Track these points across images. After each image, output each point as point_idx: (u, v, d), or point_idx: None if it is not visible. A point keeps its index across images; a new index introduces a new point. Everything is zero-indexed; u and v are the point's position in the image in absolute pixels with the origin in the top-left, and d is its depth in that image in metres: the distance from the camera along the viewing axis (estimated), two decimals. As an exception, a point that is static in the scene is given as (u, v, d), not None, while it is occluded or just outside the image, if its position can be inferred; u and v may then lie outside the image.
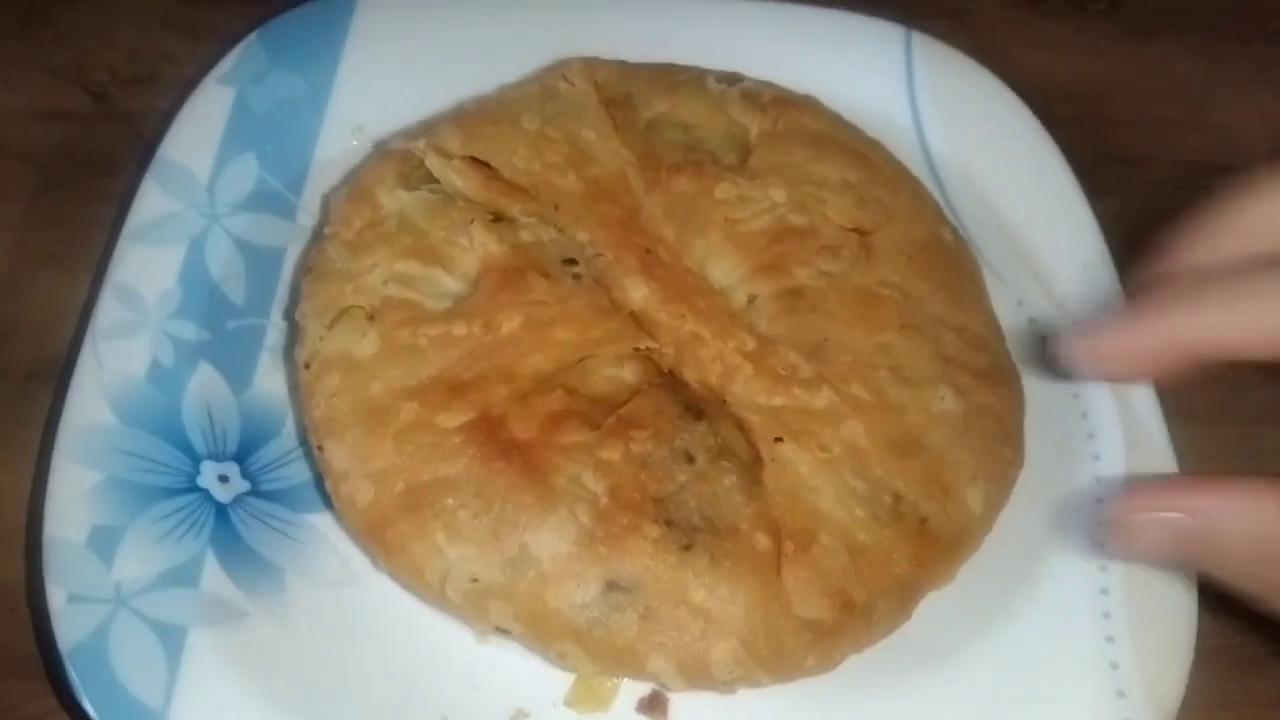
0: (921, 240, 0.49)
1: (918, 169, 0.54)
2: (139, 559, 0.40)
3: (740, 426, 0.43)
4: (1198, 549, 0.34)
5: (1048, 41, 0.70)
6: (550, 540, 0.40)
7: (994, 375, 0.46)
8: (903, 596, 0.41)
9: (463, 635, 0.42)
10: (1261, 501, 0.33)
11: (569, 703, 0.41)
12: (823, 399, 0.43)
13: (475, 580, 0.40)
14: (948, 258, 0.49)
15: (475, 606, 0.40)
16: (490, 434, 0.41)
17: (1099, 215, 0.55)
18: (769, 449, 0.42)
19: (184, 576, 0.41)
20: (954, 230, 0.51)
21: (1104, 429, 0.48)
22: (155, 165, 0.49)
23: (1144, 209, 0.62)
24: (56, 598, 0.39)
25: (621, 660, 0.39)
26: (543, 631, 0.40)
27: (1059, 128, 0.58)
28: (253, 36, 0.54)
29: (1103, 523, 0.38)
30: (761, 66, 0.54)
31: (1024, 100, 0.58)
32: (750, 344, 0.44)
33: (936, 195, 0.53)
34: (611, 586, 0.40)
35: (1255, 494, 0.34)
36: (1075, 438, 0.48)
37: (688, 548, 0.40)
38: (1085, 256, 0.53)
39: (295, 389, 0.45)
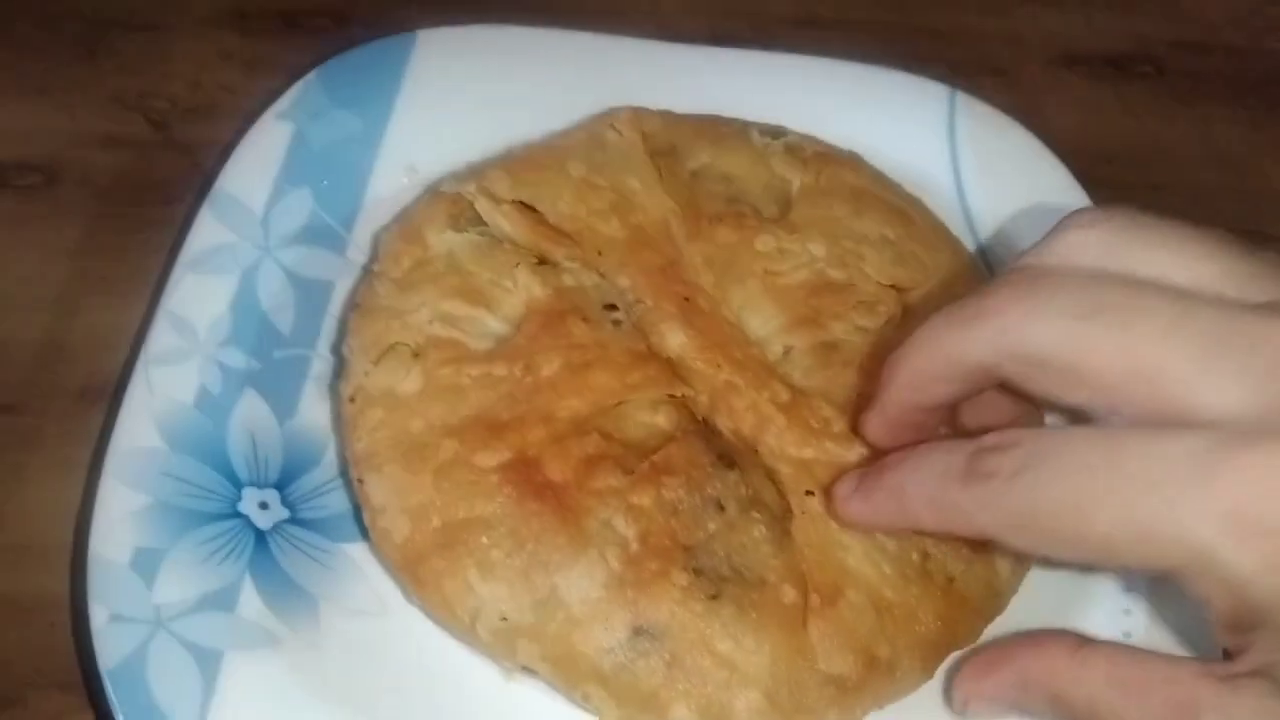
0: (959, 299, 0.49)
1: (957, 228, 0.54)
2: (179, 582, 0.41)
3: (771, 477, 0.44)
4: (893, 518, 0.38)
5: (1090, 104, 0.70)
6: (580, 583, 0.40)
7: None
8: (927, 655, 0.42)
9: (491, 672, 0.42)
10: (931, 457, 0.35)
11: (594, 748, 0.42)
12: (854, 454, 0.44)
13: (505, 619, 0.40)
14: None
15: (504, 645, 0.41)
16: (526, 475, 0.42)
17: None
18: (799, 501, 0.43)
19: (222, 601, 0.42)
20: (990, 291, 0.51)
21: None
22: (212, 196, 0.51)
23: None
24: (99, 616, 0.40)
25: (645, 706, 0.40)
26: (569, 673, 0.40)
27: (1099, 190, 0.58)
28: (312, 75, 0.55)
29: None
30: (805, 120, 0.55)
31: (1064, 161, 0.59)
32: (784, 395, 0.45)
33: (975, 255, 0.54)
34: (638, 632, 0.40)
35: (927, 455, 0.35)
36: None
37: (715, 597, 0.41)
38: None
39: (338, 421, 0.46)
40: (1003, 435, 0.33)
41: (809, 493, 0.43)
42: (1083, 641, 0.36)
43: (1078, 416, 0.34)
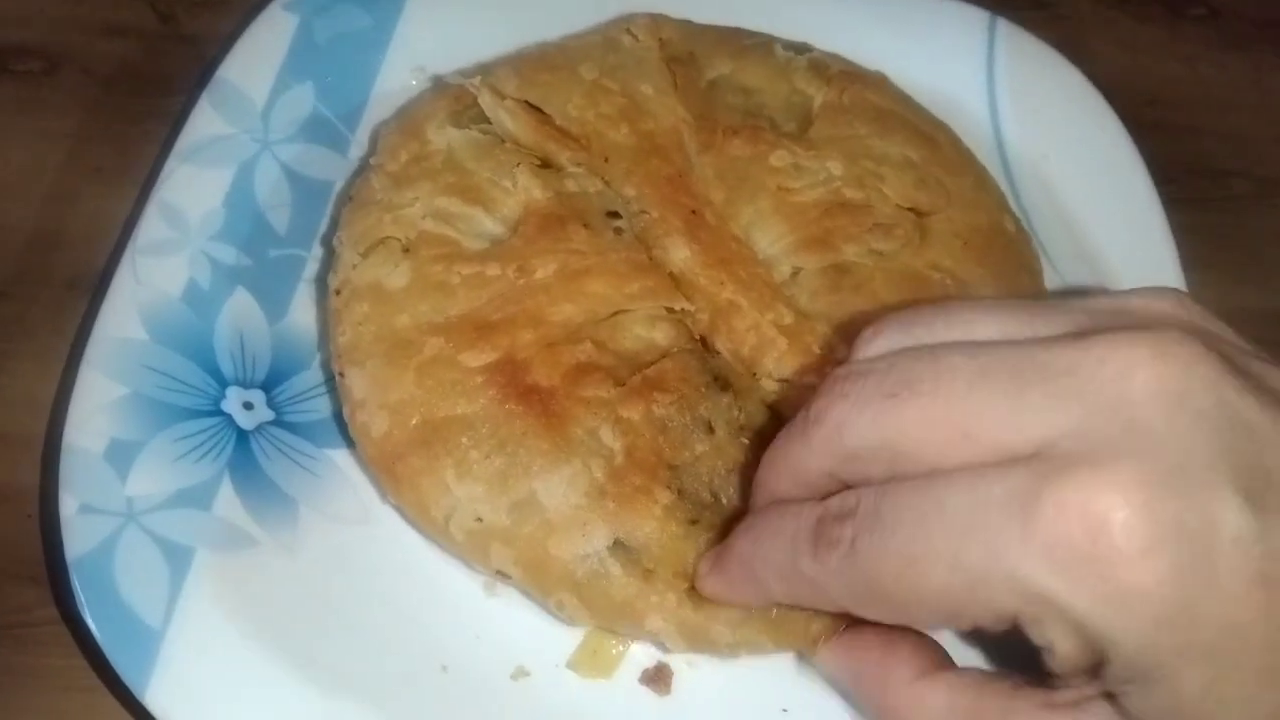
0: (980, 227, 0.47)
1: (988, 158, 0.52)
2: (154, 476, 0.40)
3: (766, 404, 0.42)
4: (747, 594, 0.36)
5: (1138, 44, 0.67)
6: (559, 490, 0.39)
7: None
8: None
9: (471, 585, 0.41)
10: (780, 524, 0.34)
11: (571, 665, 0.40)
12: None
13: (479, 520, 0.39)
14: (1006, 247, 0.47)
15: (477, 547, 0.39)
16: (512, 377, 0.40)
17: (1172, 226, 0.52)
18: None
19: (197, 498, 0.40)
20: (1016, 221, 0.49)
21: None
22: (212, 86, 0.49)
23: (1220, 223, 0.60)
24: (68, 506, 0.39)
25: (619, 615, 0.39)
26: (542, 579, 0.39)
27: (1140, 132, 0.56)
28: (322, -34, 0.53)
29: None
30: (835, 41, 0.52)
31: (1107, 100, 0.56)
32: (788, 318, 0.43)
33: (1004, 186, 0.51)
34: (616, 544, 0.39)
35: (776, 521, 0.34)
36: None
37: (694, 522, 0.39)
38: (1154, 266, 0.51)
39: (325, 315, 0.44)
40: (844, 499, 0.32)
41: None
42: (931, 665, 0.34)
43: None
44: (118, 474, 0.40)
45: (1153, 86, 0.65)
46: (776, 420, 0.41)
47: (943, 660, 0.35)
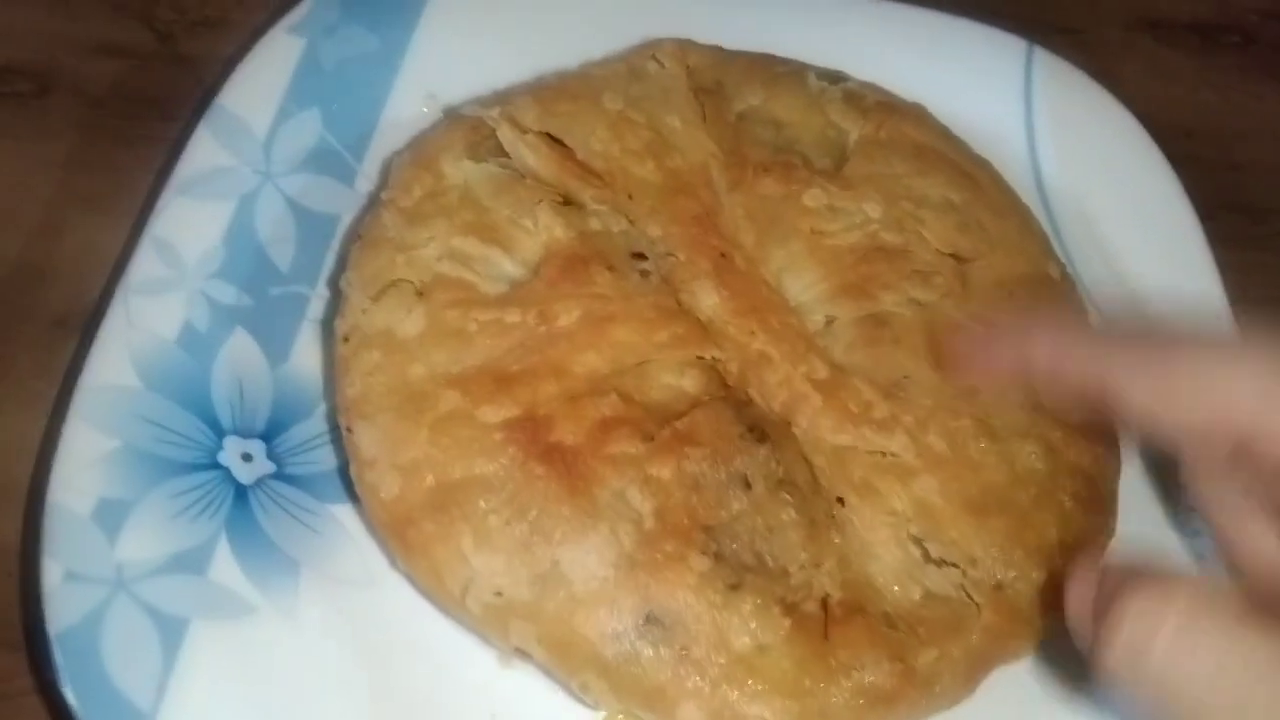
0: (1024, 275, 0.45)
1: (1027, 195, 0.49)
2: (146, 539, 0.37)
3: (805, 456, 0.39)
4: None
5: (1170, 72, 0.65)
6: (586, 560, 0.36)
7: (1090, 432, 0.42)
8: (970, 668, 0.37)
9: (486, 656, 0.38)
10: None
11: (593, 750, 0.38)
12: (895, 444, 0.39)
13: (499, 594, 0.36)
14: (1051, 296, 0.45)
15: (496, 623, 0.37)
16: (534, 435, 0.38)
17: (1217, 265, 0.50)
18: (830, 506, 0.39)
19: (192, 562, 0.38)
20: (1061, 267, 0.47)
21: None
22: (211, 114, 0.46)
23: (1265, 263, 0.58)
24: (52, 573, 0.36)
25: (650, 702, 0.36)
26: (567, 659, 0.36)
27: (1175, 166, 0.53)
28: (329, -14, 0.50)
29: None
30: (869, 68, 0.50)
31: (1143, 129, 0.54)
32: (822, 372, 0.40)
33: (1046, 226, 0.49)
34: (649, 619, 0.36)
35: None
36: (1176, 508, 0.44)
37: (735, 587, 0.36)
38: (1202, 308, 0.49)
39: (331, 362, 0.41)
40: None
41: (840, 500, 0.39)
42: None
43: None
44: (106, 537, 0.37)
45: (1186, 117, 0.63)
46: (815, 478, 0.39)
47: None
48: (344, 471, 0.40)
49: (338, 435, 0.41)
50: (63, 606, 0.35)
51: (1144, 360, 0.32)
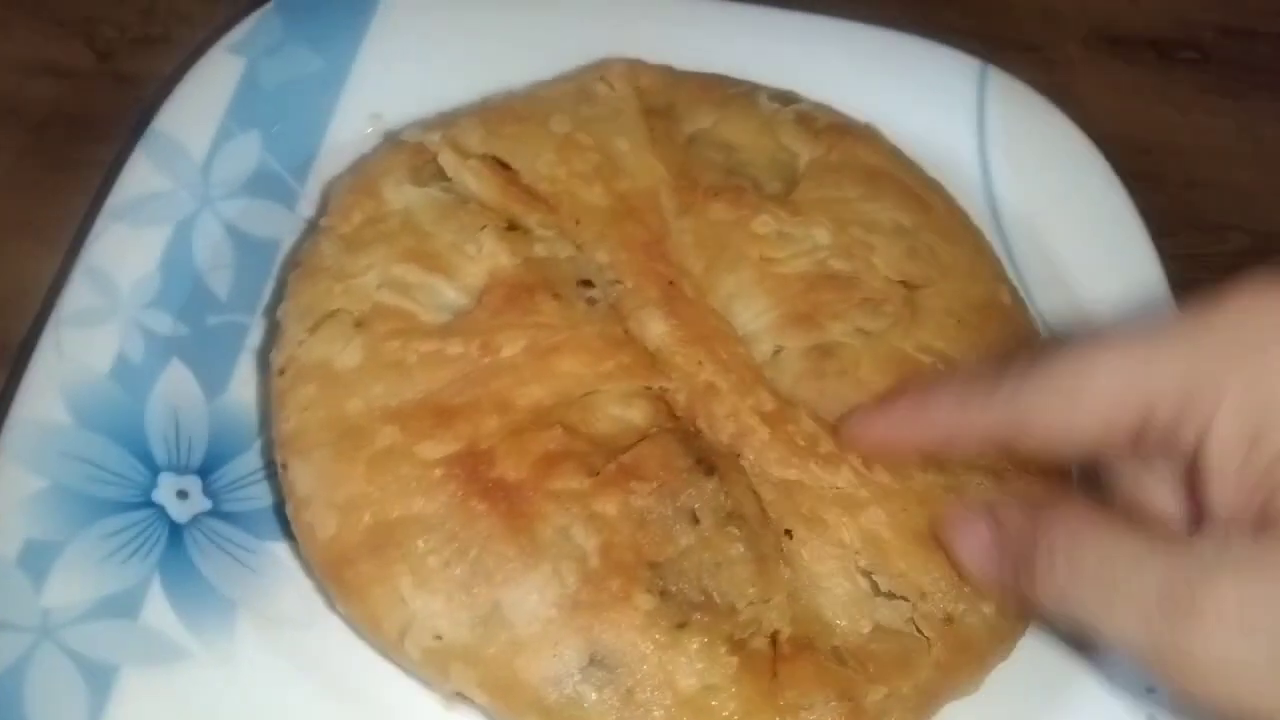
0: (975, 301, 0.44)
1: (980, 216, 0.49)
2: (74, 583, 0.36)
3: (753, 491, 0.39)
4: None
5: (1129, 89, 0.65)
6: (528, 600, 0.35)
7: (1040, 462, 0.41)
8: (920, 703, 0.37)
9: (429, 700, 0.37)
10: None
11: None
12: (841, 479, 0.39)
13: (439, 638, 0.35)
14: (1002, 323, 0.44)
15: (436, 667, 0.36)
16: (474, 471, 0.37)
17: (1170, 283, 0.50)
18: (778, 539, 0.38)
19: (122, 606, 0.37)
20: (1013, 291, 0.46)
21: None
22: (148, 137, 0.45)
23: (1219, 281, 0.57)
24: (-28, 622, 0.35)
25: (594, 748, 0.35)
26: (509, 704, 0.35)
27: (1134, 183, 0.53)
28: (270, 4, 0.49)
29: None
30: (820, 87, 0.49)
31: (1098, 149, 0.53)
32: (769, 404, 0.40)
33: (998, 247, 0.48)
34: (592, 661, 0.35)
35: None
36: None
37: (681, 626, 0.36)
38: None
39: (268, 396, 0.40)
40: None
41: (788, 532, 0.38)
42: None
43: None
44: (32, 583, 0.36)
45: (1145, 134, 0.62)
46: (763, 512, 0.38)
47: None
48: (282, 508, 0.39)
49: (276, 470, 0.40)
50: (-15, 656, 0.34)
51: (1031, 391, 0.34)
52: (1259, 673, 0.28)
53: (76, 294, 0.42)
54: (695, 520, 0.37)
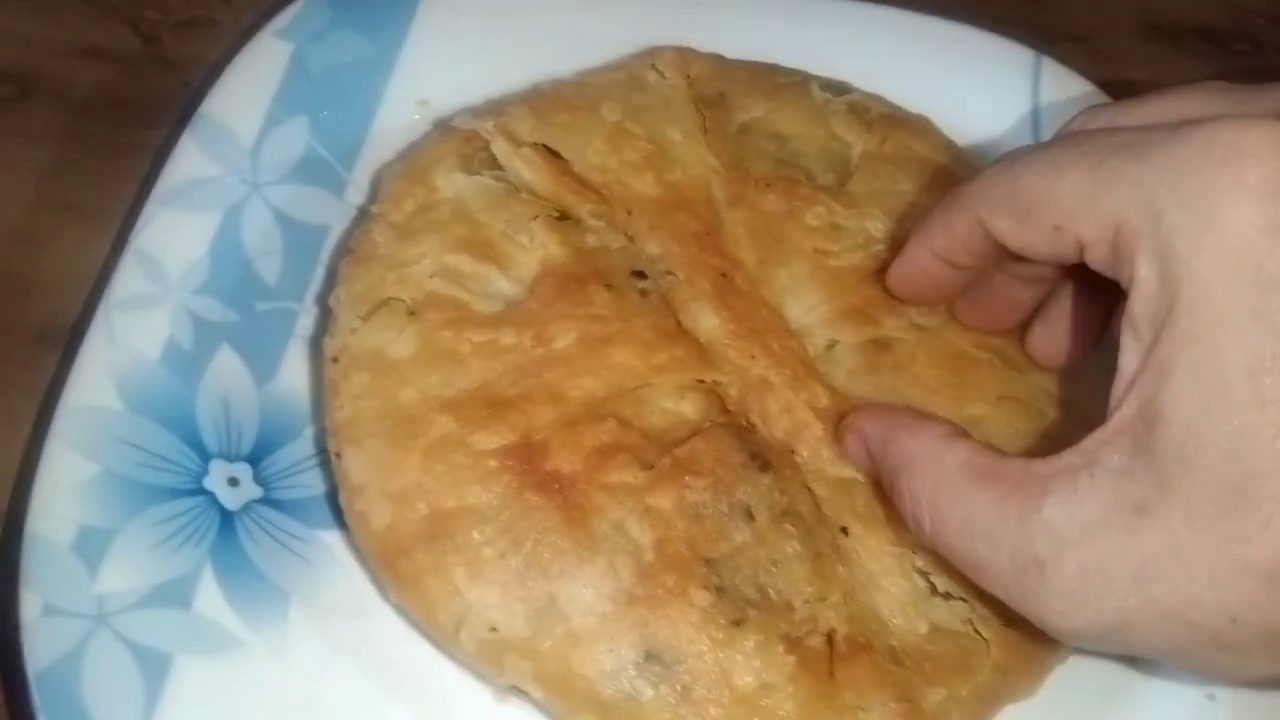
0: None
1: (1033, 210, 0.48)
2: (127, 570, 0.36)
3: (807, 488, 0.38)
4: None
5: (1180, 80, 0.63)
6: (583, 594, 0.35)
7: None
8: (979, 706, 0.36)
9: (480, 691, 0.37)
10: None
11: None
12: None
13: (494, 630, 0.35)
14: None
15: (490, 659, 0.35)
16: (529, 462, 0.37)
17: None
18: (834, 537, 0.38)
19: (175, 595, 0.36)
20: (1068, 284, 0.45)
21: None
22: (196, 122, 0.45)
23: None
24: (30, 607, 0.35)
25: (651, 742, 0.35)
26: (564, 698, 0.35)
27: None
28: (316, -11, 0.49)
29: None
30: (872, 77, 0.48)
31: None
32: (823, 400, 0.39)
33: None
34: (649, 657, 0.35)
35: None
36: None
37: (738, 623, 0.35)
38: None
39: (320, 384, 0.40)
40: None
41: (843, 530, 0.38)
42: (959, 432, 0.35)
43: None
44: (87, 569, 0.36)
45: (1196, 125, 0.62)
46: (818, 508, 0.38)
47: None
48: (334, 496, 0.39)
49: (328, 458, 0.40)
50: (42, 643, 0.34)
51: (993, 183, 0.34)
52: (1116, 633, 0.29)
53: (127, 279, 0.41)
54: (750, 517, 0.37)
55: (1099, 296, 0.37)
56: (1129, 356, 0.29)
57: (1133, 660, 0.39)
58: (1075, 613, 0.29)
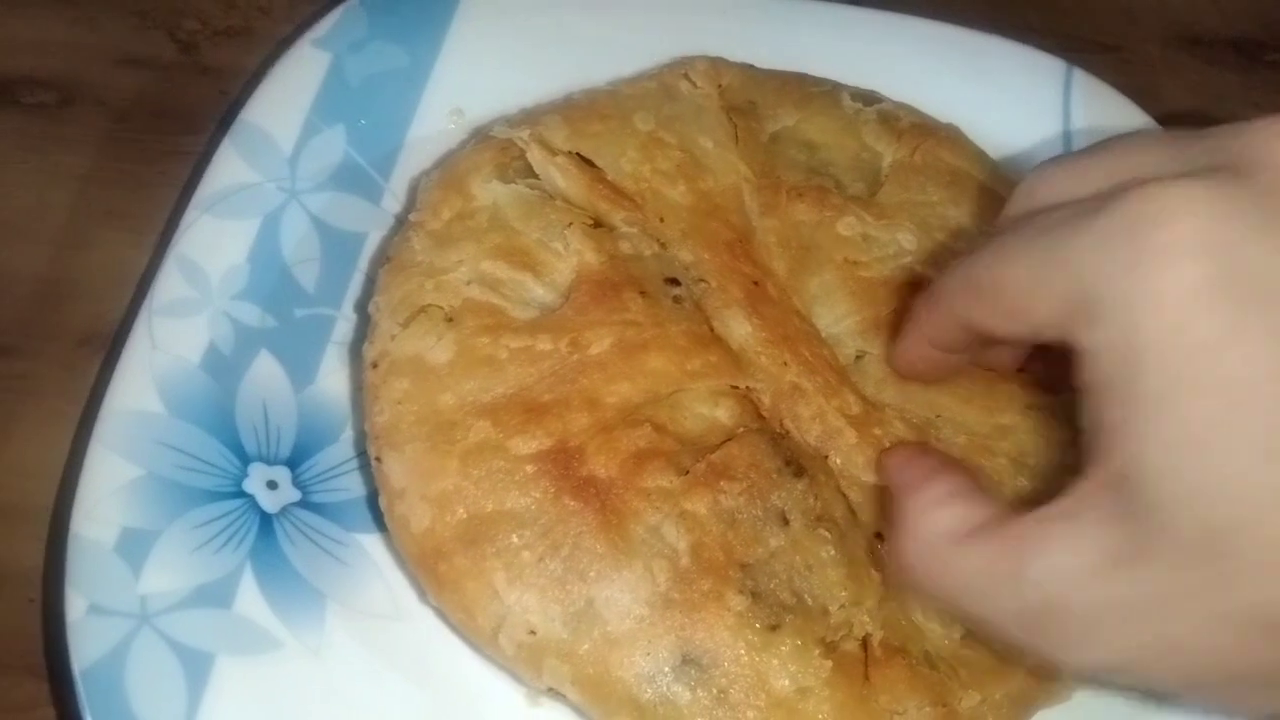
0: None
1: (1065, 220, 0.48)
2: (170, 570, 0.37)
3: (841, 493, 0.38)
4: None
5: (1209, 90, 0.64)
6: (621, 598, 0.36)
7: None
8: (1013, 711, 0.37)
9: (515, 693, 0.37)
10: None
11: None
12: None
13: (533, 632, 0.36)
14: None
15: (529, 662, 0.36)
16: (566, 467, 0.37)
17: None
18: (868, 542, 0.38)
19: (217, 595, 0.37)
20: (1100, 297, 0.45)
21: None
22: (235, 130, 0.45)
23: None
24: (76, 606, 0.35)
25: (687, 746, 0.35)
26: (602, 701, 0.35)
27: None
28: (355, 0, 0.49)
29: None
30: (902, 87, 0.49)
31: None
32: (855, 407, 0.39)
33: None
34: (685, 660, 0.35)
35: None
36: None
37: (774, 627, 0.35)
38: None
39: (360, 389, 0.41)
40: None
41: (878, 535, 0.38)
42: (965, 487, 0.34)
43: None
44: (130, 569, 0.36)
45: (1224, 136, 0.61)
46: (853, 513, 0.38)
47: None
48: (371, 500, 0.39)
49: (364, 462, 0.40)
50: (87, 640, 0.35)
51: (957, 278, 0.34)
52: (1121, 674, 0.30)
53: (168, 285, 0.42)
54: (785, 521, 0.37)
55: None
56: (1095, 416, 0.30)
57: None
58: (1077, 657, 0.30)
